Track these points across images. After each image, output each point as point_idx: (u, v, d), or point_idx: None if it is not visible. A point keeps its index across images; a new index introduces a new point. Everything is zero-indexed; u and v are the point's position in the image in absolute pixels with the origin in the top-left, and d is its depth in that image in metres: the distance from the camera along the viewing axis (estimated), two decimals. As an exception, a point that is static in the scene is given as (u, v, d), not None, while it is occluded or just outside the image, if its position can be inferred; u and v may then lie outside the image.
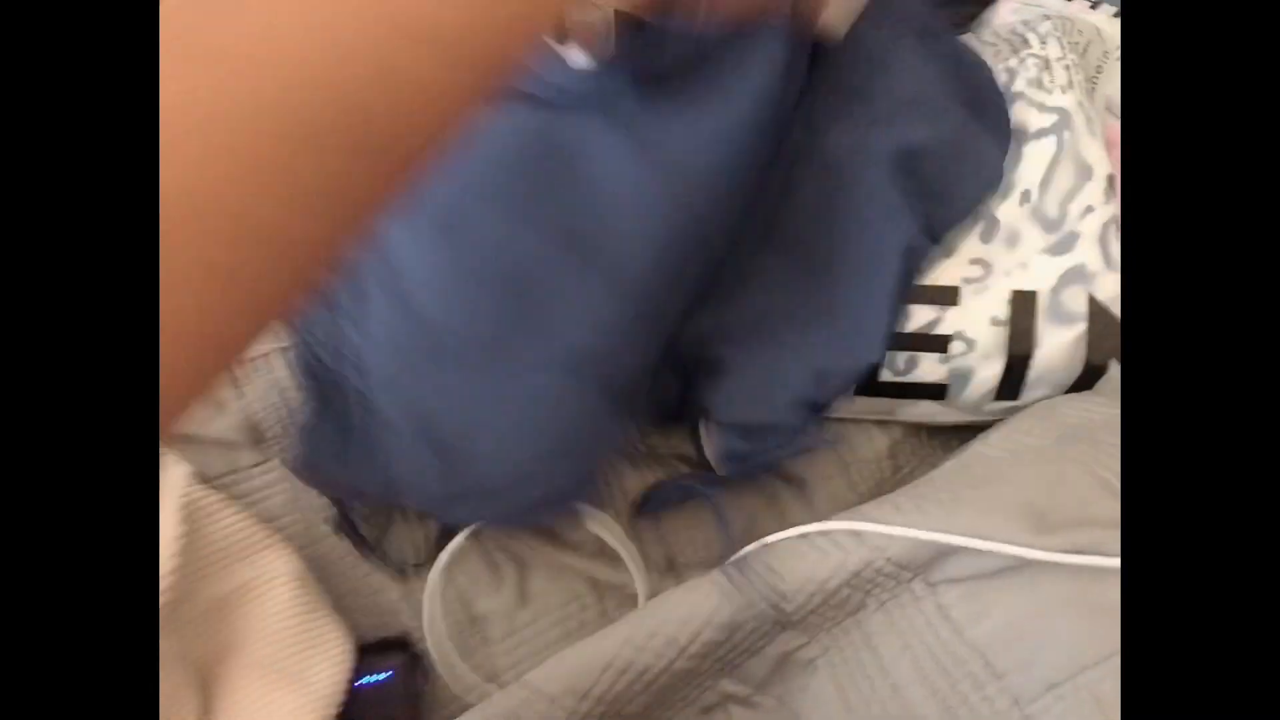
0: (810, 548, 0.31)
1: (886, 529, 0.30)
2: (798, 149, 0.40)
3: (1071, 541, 0.29)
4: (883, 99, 0.41)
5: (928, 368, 0.41)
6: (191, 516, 0.34)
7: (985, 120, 0.41)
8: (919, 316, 0.41)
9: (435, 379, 0.36)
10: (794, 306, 0.40)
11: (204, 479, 0.40)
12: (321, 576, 0.41)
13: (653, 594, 0.40)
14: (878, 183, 0.39)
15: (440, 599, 0.40)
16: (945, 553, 0.30)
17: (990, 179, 0.41)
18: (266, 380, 0.41)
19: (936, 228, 0.40)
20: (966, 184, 0.41)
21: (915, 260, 0.40)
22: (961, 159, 0.41)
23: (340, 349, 0.37)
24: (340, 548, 0.41)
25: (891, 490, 0.39)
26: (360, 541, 0.40)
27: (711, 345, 0.40)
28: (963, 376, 0.41)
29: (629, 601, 0.41)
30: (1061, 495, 0.31)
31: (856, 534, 0.30)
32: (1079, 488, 0.31)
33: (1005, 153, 0.41)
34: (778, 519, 0.41)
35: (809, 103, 0.41)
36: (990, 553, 0.29)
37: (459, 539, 0.39)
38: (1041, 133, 0.41)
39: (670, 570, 0.41)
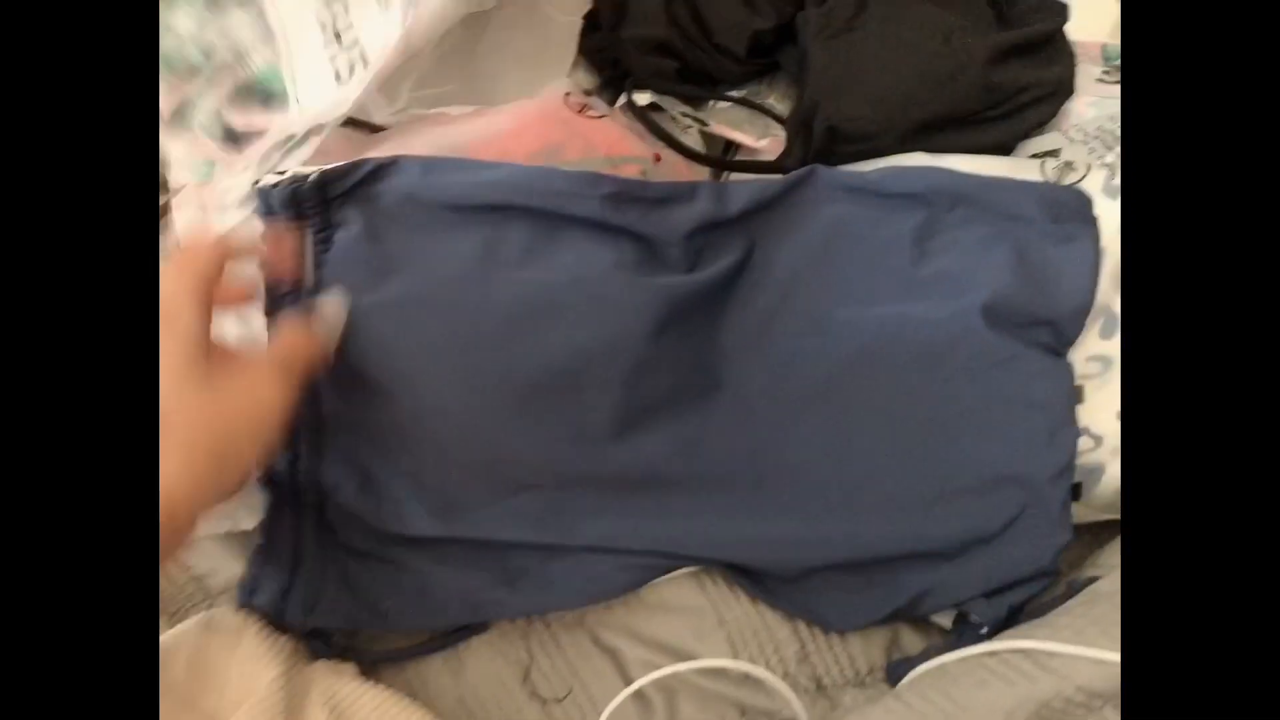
0: (992, 676, 0.31)
1: (1076, 650, 0.29)
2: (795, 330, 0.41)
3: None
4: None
5: (1057, 466, 0.41)
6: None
7: (1063, 220, 0.41)
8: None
9: None
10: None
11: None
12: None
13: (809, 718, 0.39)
14: (980, 346, 0.39)
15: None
16: (1139, 678, 0.29)
17: (1085, 272, 0.40)
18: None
19: (1060, 341, 0.40)
20: (1063, 293, 0.40)
21: (1059, 375, 0.40)
22: (1045, 274, 0.40)
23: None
24: (488, 687, 0.41)
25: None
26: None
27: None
28: (1093, 473, 0.41)
29: (780, 726, 0.40)
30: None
31: (1039, 662, 0.30)
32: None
33: (1096, 238, 0.41)
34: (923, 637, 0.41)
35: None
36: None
37: (628, 691, 0.39)
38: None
39: (820, 692, 0.41)
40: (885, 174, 0.43)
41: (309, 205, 0.39)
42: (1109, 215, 0.41)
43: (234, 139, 0.50)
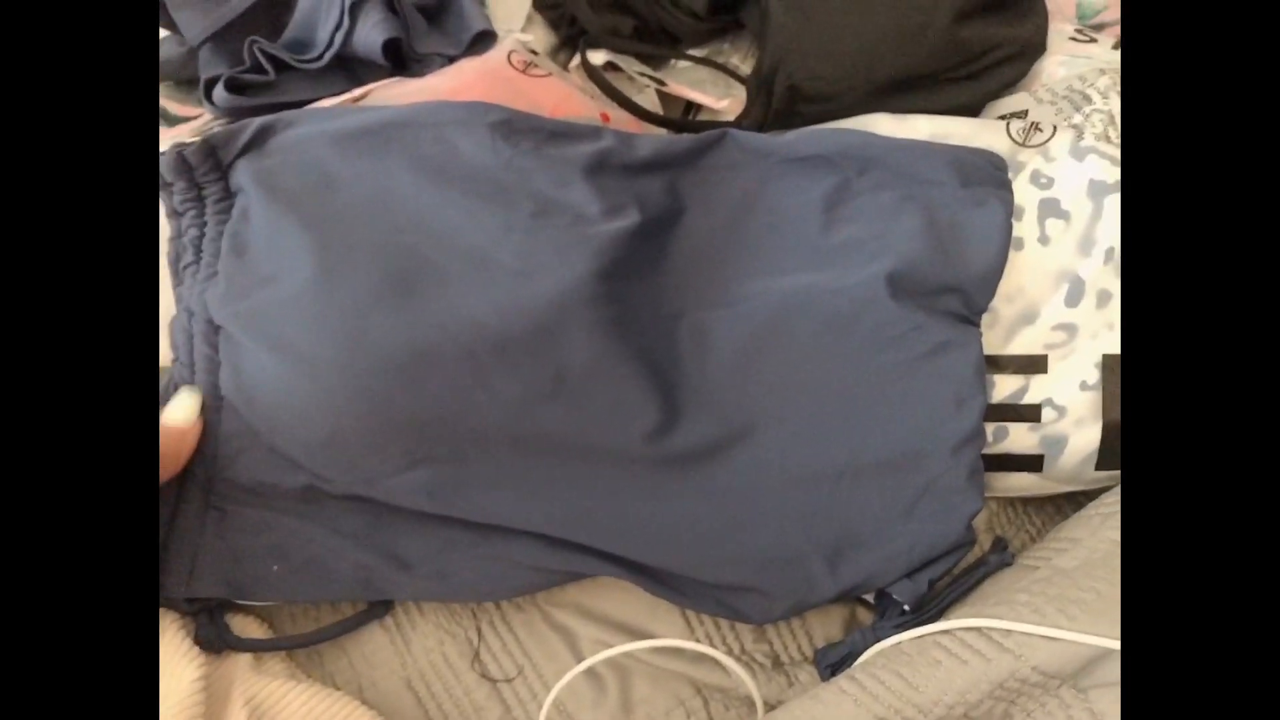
0: (946, 655, 0.30)
1: (1030, 629, 0.28)
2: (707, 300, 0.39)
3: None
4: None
5: (1018, 437, 0.40)
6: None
7: (974, 183, 0.39)
8: (1004, 386, 0.40)
9: None
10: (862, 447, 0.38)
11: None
12: (415, 702, 0.39)
13: (764, 695, 0.38)
14: (884, 316, 0.37)
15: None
16: (1097, 657, 0.28)
17: (994, 237, 0.38)
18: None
19: (970, 308, 0.38)
20: (971, 258, 0.38)
21: (966, 343, 0.38)
22: (953, 239, 0.38)
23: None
24: (435, 669, 0.40)
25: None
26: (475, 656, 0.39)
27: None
28: (1055, 444, 0.40)
29: (736, 704, 0.39)
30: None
31: (994, 640, 0.29)
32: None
33: (1008, 202, 0.39)
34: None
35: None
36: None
37: (578, 669, 0.37)
38: (1117, 186, 0.40)
39: (777, 668, 0.40)
40: (797, 137, 0.41)
41: (202, 172, 0.37)
42: (1075, 177, 0.40)
43: (168, 121, 0.48)
